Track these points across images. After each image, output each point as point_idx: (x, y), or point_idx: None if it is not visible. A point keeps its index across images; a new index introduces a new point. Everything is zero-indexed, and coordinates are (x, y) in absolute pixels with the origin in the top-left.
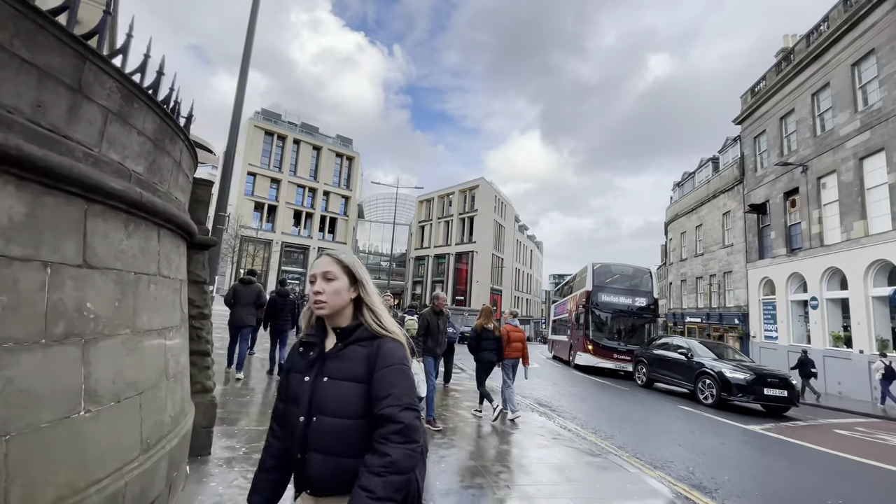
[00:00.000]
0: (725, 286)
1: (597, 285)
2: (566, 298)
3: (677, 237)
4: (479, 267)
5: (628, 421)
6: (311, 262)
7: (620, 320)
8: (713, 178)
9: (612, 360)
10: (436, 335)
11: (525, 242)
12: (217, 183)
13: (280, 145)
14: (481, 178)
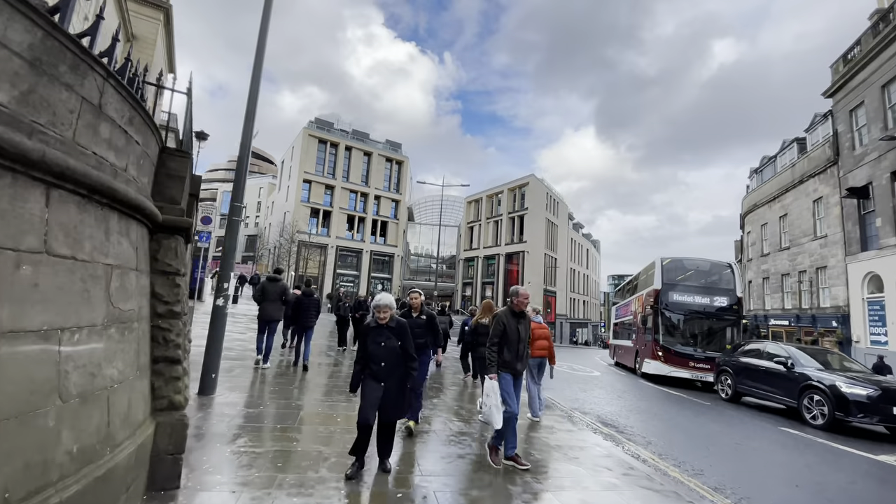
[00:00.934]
0: (819, 283)
1: (667, 283)
2: (630, 299)
3: (757, 230)
4: (530, 267)
5: (719, 448)
6: (364, 264)
7: (696, 323)
8: (799, 161)
9: (688, 369)
10: (514, 344)
11: (580, 241)
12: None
13: (333, 152)
14: (531, 174)
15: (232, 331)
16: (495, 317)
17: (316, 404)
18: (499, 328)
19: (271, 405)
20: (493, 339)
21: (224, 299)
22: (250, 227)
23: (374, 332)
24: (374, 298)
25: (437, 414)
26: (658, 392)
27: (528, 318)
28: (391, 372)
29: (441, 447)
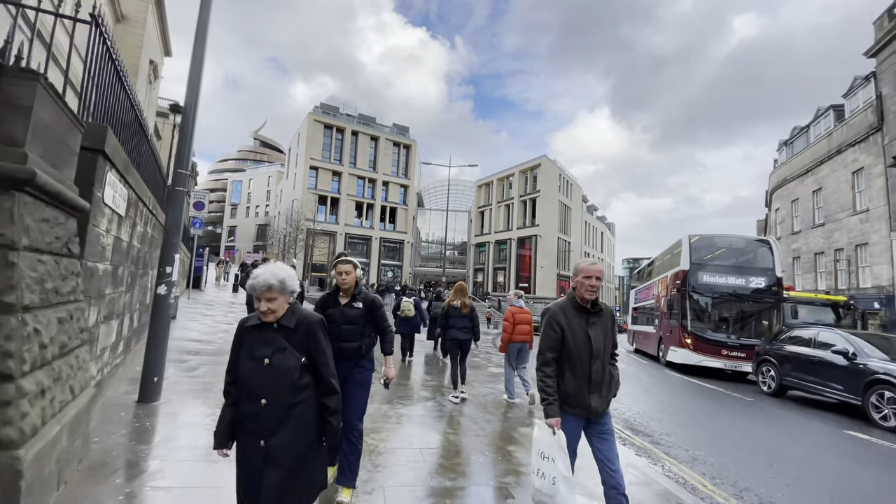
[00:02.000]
0: (858, 262)
1: (696, 263)
2: (651, 282)
3: (786, 206)
4: (543, 251)
5: (784, 465)
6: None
7: (729, 307)
8: (837, 129)
9: (720, 358)
10: (585, 362)
11: (595, 224)
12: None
13: (339, 138)
14: (543, 156)
15: (222, 321)
16: (546, 315)
17: None
18: (553, 334)
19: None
20: (545, 355)
21: (167, 287)
22: (260, 216)
23: (251, 339)
24: (379, 286)
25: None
26: (688, 385)
27: (607, 313)
28: (281, 418)
29: None
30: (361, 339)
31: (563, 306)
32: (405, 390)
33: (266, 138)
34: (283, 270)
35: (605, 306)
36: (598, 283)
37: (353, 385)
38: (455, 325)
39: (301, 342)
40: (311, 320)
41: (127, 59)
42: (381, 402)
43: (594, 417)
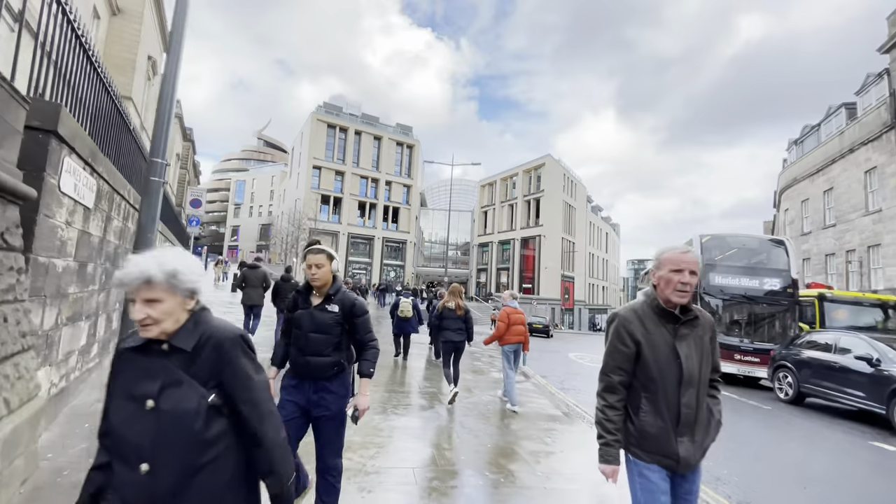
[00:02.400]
0: (871, 263)
1: (708, 263)
2: None
3: (796, 206)
4: (547, 252)
5: (818, 485)
6: (376, 251)
7: (742, 309)
8: (849, 128)
9: (733, 363)
10: (671, 391)
11: (599, 225)
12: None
13: (342, 137)
14: (547, 155)
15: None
16: (614, 323)
17: None
18: (623, 350)
19: None
20: (610, 378)
21: None
22: (263, 215)
23: (128, 368)
24: (380, 285)
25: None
26: None
27: (704, 322)
28: (173, 493)
29: None
30: (336, 353)
31: (638, 311)
32: (401, 397)
33: (270, 138)
34: (177, 257)
35: (703, 313)
36: (692, 279)
37: (325, 419)
38: (449, 327)
39: (207, 371)
40: (222, 336)
41: (123, 53)
42: (374, 411)
43: (681, 470)
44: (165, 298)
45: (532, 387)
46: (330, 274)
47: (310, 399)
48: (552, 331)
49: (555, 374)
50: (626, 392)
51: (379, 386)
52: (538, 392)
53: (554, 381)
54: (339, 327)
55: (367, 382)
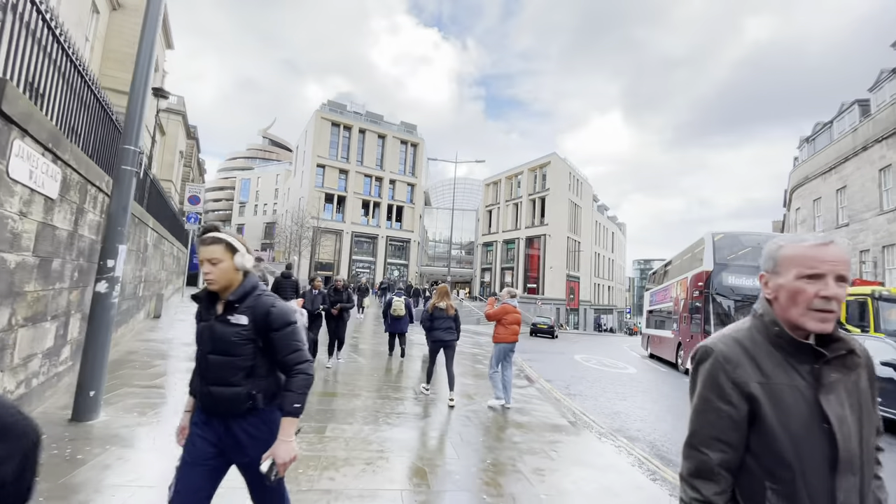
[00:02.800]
0: (885, 264)
1: (720, 263)
2: (668, 283)
3: (808, 205)
4: (552, 251)
5: None
6: (380, 250)
7: None
8: (862, 125)
9: None
10: (808, 476)
11: (605, 224)
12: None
13: (346, 136)
14: (553, 153)
15: None
16: (706, 362)
17: None
18: (724, 410)
19: (157, 445)
20: (704, 455)
21: (109, 284)
22: (268, 214)
23: None
24: (381, 284)
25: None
26: None
27: (862, 358)
28: None
29: None
30: (248, 382)
31: (746, 343)
32: (395, 404)
33: (275, 137)
34: None
35: (857, 345)
36: (840, 291)
37: (249, 467)
38: (440, 327)
39: None
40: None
41: (123, 48)
42: (364, 421)
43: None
44: None
45: (536, 392)
46: (233, 272)
47: (223, 441)
48: (557, 331)
49: (560, 378)
50: (732, 478)
51: (371, 392)
52: (542, 398)
53: (559, 385)
54: (248, 345)
55: (292, 424)
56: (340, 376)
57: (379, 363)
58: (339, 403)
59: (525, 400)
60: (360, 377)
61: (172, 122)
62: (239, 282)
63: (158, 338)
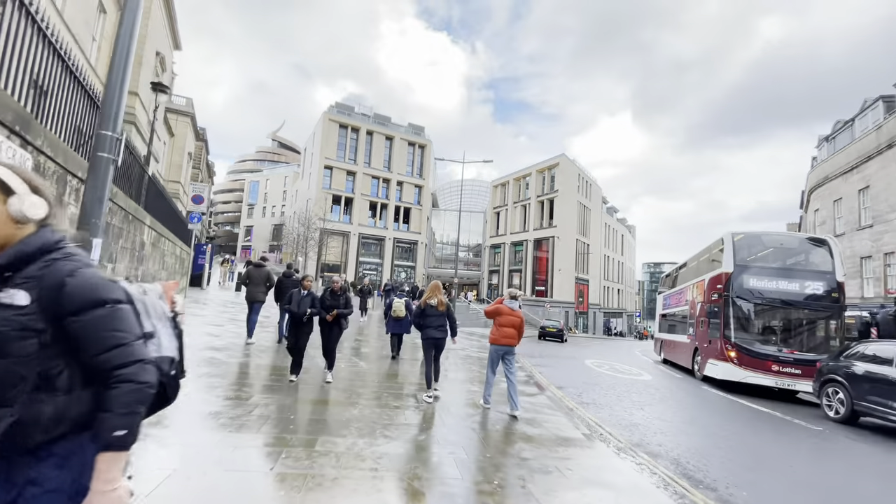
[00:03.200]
0: None
1: (740, 264)
2: (683, 286)
3: (827, 206)
4: (561, 254)
5: None
6: (387, 252)
7: (780, 315)
8: (887, 122)
9: (769, 374)
10: None
11: (615, 226)
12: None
13: (354, 137)
14: (562, 154)
15: (210, 322)
16: None
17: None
18: None
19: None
20: None
21: None
22: (276, 216)
23: None
24: (385, 286)
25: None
26: (736, 406)
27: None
28: None
29: None
30: (32, 401)
31: None
32: (394, 414)
33: (284, 139)
34: None
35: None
36: None
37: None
38: (431, 324)
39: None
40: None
41: None
42: (359, 434)
43: None
44: None
45: (546, 401)
46: (5, 224)
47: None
48: (566, 335)
49: (572, 385)
50: None
51: (369, 399)
52: (554, 407)
53: (571, 393)
54: (30, 339)
55: (115, 462)
56: (338, 382)
57: (381, 367)
58: (333, 412)
59: (535, 409)
60: (359, 383)
61: (181, 124)
62: (18, 239)
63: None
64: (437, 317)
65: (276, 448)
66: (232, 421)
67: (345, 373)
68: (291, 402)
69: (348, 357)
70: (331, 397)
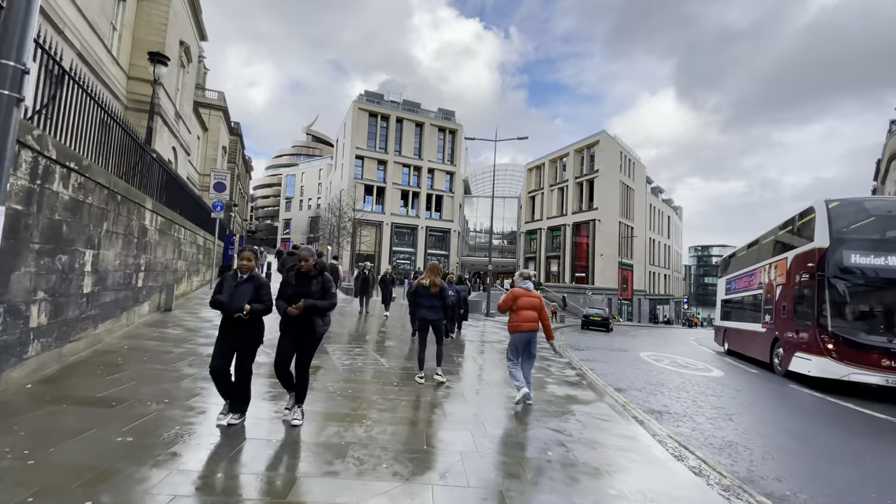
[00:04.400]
0: None
1: (838, 237)
2: (755, 267)
3: None
4: (602, 238)
5: None
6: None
7: (891, 297)
8: None
9: (879, 370)
10: None
11: (660, 207)
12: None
13: (384, 126)
14: (602, 132)
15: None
16: None
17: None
18: None
19: None
20: None
21: None
22: (312, 208)
23: None
24: (386, 275)
25: None
26: (850, 414)
27: None
28: None
29: None
30: None
31: None
32: (408, 436)
33: (318, 133)
34: None
35: None
36: None
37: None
38: (423, 305)
39: None
40: None
41: (151, 36)
42: (356, 472)
43: None
44: None
45: (607, 409)
46: None
47: None
48: (612, 324)
49: (633, 386)
50: None
51: (383, 410)
52: (617, 418)
53: (635, 398)
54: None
55: None
56: (346, 387)
57: (407, 370)
58: (327, 435)
59: (595, 423)
60: (372, 389)
61: (214, 118)
62: None
63: (150, 334)
64: (428, 297)
65: None
66: None
67: (361, 373)
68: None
69: (367, 350)
70: (332, 410)
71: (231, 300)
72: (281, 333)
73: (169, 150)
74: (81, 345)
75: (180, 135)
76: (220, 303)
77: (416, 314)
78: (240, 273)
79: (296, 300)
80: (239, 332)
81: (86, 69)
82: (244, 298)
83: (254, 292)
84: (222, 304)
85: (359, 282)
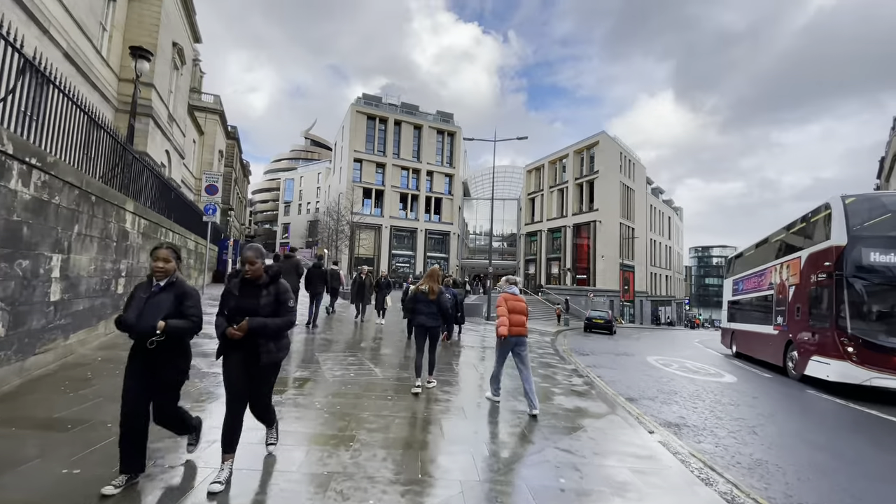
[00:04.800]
0: None
1: (856, 234)
2: (765, 267)
3: None
4: (603, 239)
5: None
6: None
7: None
8: None
9: None
10: None
11: (661, 208)
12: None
13: (382, 128)
14: (602, 132)
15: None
16: None
17: None
18: None
19: None
20: None
21: None
22: (311, 212)
23: None
24: (380, 279)
25: None
26: (872, 421)
27: None
28: None
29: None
30: None
31: None
32: (401, 463)
33: (316, 137)
34: None
35: None
36: None
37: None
38: (421, 311)
39: None
40: None
41: (143, 38)
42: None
43: None
44: None
45: (621, 422)
46: None
47: None
48: (615, 326)
49: (643, 395)
50: None
51: (373, 432)
52: (634, 437)
53: (648, 408)
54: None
55: None
56: (335, 402)
57: (403, 381)
58: (308, 463)
59: (609, 441)
60: (364, 404)
61: (210, 122)
62: None
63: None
64: (427, 303)
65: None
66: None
67: (354, 386)
68: None
69: (362, 359)
70: (320, 431)
71: (138, 320)
72: (223, 362)
73: (162, 153)
74: (49, 357)
75: (174, 138)
76: (124, 322)
77: (414, 321)
78: (155, 279)
79: (238, 318)
80: (151, 364)
81: (73, 70)
82: (158, 314)
83: (174, 305)
84: (127, 323)
85: (355, 286)
